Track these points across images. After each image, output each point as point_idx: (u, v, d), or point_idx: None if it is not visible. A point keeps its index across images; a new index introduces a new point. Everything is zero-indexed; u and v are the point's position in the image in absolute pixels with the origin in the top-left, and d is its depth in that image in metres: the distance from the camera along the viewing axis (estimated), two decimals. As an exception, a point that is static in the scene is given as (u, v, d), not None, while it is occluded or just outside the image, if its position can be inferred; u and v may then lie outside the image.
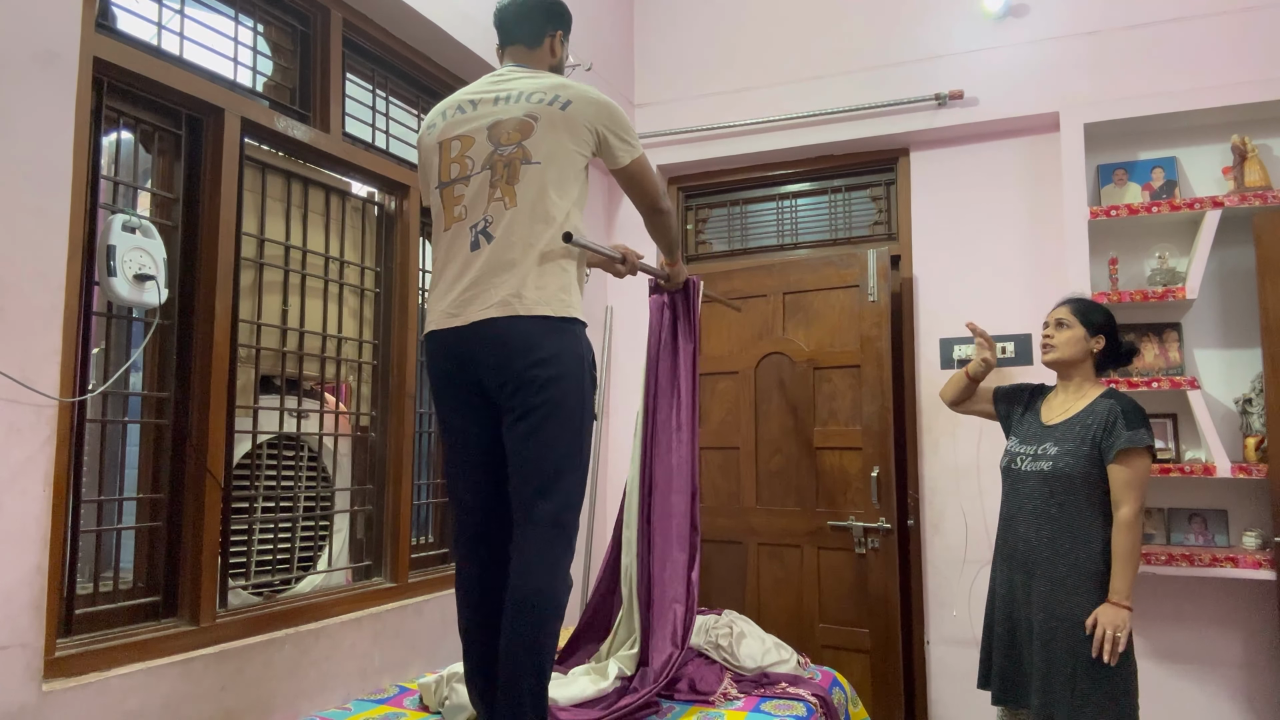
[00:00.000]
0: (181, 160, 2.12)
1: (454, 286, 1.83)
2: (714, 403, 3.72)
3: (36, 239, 1.64)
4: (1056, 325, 2.40)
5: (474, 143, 1.87)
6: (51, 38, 1.68)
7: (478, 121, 1.88)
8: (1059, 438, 2.31)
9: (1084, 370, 2.38)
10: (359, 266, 2.67)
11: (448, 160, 1.89)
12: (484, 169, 1.85)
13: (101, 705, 1.74)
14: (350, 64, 2.62)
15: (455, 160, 1.89)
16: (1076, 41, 3.20)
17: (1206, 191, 3.07)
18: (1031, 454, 2.34)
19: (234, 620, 2.10)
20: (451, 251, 1.86)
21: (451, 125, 1.91)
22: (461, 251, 1.84)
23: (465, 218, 1.85)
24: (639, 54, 3.95)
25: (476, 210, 1.84)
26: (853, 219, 3.71)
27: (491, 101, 1.90)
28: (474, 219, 1.84)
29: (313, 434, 2.51)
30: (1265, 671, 2.93)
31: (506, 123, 1.85)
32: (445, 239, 1.88)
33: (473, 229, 1.83)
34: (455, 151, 1.89)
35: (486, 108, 1.89)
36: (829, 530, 3.40)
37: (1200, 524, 3.04)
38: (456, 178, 1.88)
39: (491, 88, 1.93)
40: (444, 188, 1.89)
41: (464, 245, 1.84)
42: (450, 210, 1.87)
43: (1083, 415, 2.30)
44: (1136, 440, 2.18)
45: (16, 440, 1.60)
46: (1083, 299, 2.48)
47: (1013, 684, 2.33)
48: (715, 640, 2.59)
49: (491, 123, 1.87)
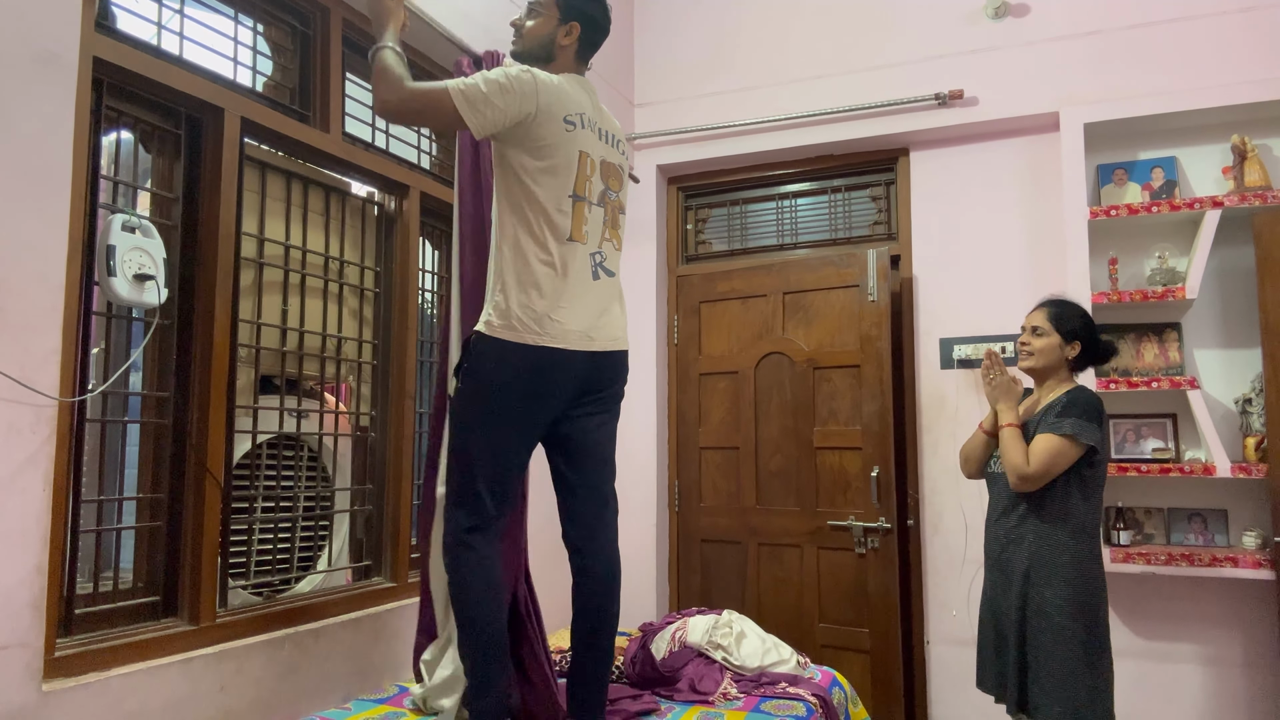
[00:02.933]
0: (181, 160, 2.12)
1: (584, 308, 1.90)
2: (714, 403, 3.72)
3: (36, 239, 1.64)
4: (1033, 332, 2.39)
5: (595, 172, 1.95)
6: (51, 38, 1.68)
7: (599, 151, 1.96)
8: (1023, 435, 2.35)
9: (1058, 374, 2.39)
10: (359, 266, 2.67)
11: (584, 175, 1.92)
12: (599, 204, 1.97)
13: (101, 705, 1.74)
14: (350, 64, 2.61)
15: (589, 179, 1.93)
16: (1076, 41, 3.20)
17: (1206, 191, 3.07)
18: (992, 461, 2.43)
19: (234, 620, 2.10)
20: (574, 268, 1.90)
21: (589, 141, 1.94)
22: (585, 273, 1.92)
23: (588, 242, 1.93)
24: (639, 54, 3.95)
25: (594, 240, 1.95)
26: (852, 219, 3.71)
27: (606, 137, 1.99)
28: (593, 247, 1.94)
29: (313, 434, 2.51)
30: (1265, 671, 2.93)
31: (616, 169, 2.02)
32: (565, 250, 1.89)
33: (592, 257, 1.94)
34: (589, 170, 1.93)
35: (603, 140, 1.98)
36: (829, 530, 3.40)
37: (1200, 524, 3.04)
38: (588, 198, 1.93)
39: (595, 114, 1.98)
40: (578, 201, 1.91)
41: (586, 268, 1.93)
42: (579, 226, 1.91)
43: (1041, 412, 2.33)
44: (1056, 427, 2.22)
45: (16, 440, 1.60)
46: (1059, 302, 2.44)
47: (999, 683, 2.37)
48: (715, 640, 2.59)
49: (604, 160, 1.98)
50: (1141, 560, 2.90)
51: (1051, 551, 2.24)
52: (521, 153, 1.88)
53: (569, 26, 1.97)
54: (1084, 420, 2.21)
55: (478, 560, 1.88)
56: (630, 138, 3.81)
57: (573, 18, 1.97)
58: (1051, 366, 2.37)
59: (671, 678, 2.44)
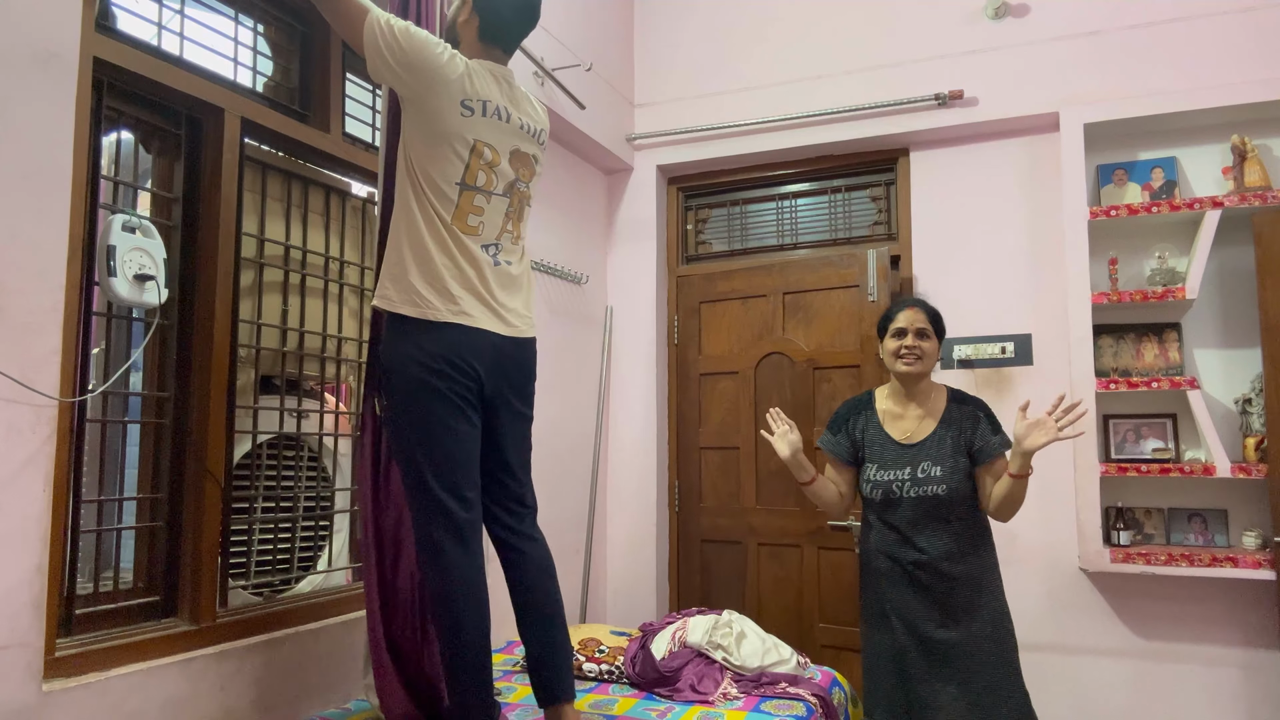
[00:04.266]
0: (181, 160, 2.12)
1: (489, 294, 1.88)
2: (714, 403, 3.72)
3: (36, 239, 1.64)
4: (919, 336, 2.28)
5: (500, 161, 1.92)
6: (51, 38, 1.68)
7: (506, 140, 1.93)
8: (935, 456, 2.24)
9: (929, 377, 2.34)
10: (359, 266, 2.67)
11: (477, 163, 1.88)
12: (504, 194, 1.93)
13: (101, 705, 1.74)
14: (350, 64, 2.62)
15: (484, 168, 1.89)
16: (1076, 41, 3.21)
17: (1206, 191, 3.07)
18: (910, 478, 2.24)
19: (234, 620, 2.10)
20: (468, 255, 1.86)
21: (488, 127, 1.90)
22: (482, 260, 1.89)
23: (480, 234, 1.90)
24: (639, 54, 3.95)
25: (490, 232, 1.92)
26: (853, 219, 3.71)
27: (518, 127, 1.96)
28: (487, 239, 1.91)
29: (313, 434, 2.51)
30: (1265, 671, 2.93)
31: (528, 158, 1.99)
32: (452, 236, 1.86)
33: (485, 248, 1.90)
34: (487, 158, 1.90)
35: (512, 128, 1.94)
36: (829, 530, 3.41)
37: (1200, 524, 3.04)
38: (481, 186, 1.89)
39: (509, 105, 1.94)
40: (466, 190, 1.88)
41: (482, 256, 1.89)
42: (464, 218, 1.87)
43: (943, 429, 2.26)
44: (1006, 444, 2.20)
45: (16, 440, 1.60)
46: (928, 303, 2.36)
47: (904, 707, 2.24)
48: (715, 640, 2.59)
49: (514, 149, 1.95)
50: (1141, 560, 2.90)
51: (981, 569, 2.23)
52: (418, 125, 1.86)
53: (469, 13, 1.96)
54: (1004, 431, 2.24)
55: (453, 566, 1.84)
56: (630, 138, 3.82)
57: (475, 4, 1.95)
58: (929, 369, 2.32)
59: (671, 678, 2.44)
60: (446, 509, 1.83)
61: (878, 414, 2.37)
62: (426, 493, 1.83)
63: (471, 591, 1.85)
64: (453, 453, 1.84)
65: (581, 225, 3.68)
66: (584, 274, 3.62)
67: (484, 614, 1.88)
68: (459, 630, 1.83)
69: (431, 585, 1.86)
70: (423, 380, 1.81)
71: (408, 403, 1.83)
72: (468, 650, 1.85)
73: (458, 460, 1.85)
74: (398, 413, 1.86)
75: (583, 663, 2.56)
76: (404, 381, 1.83)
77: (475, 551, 1.88)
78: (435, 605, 1.86)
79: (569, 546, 3.42)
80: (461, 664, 1.84)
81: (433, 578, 1.85)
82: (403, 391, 1.83)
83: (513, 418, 1.98)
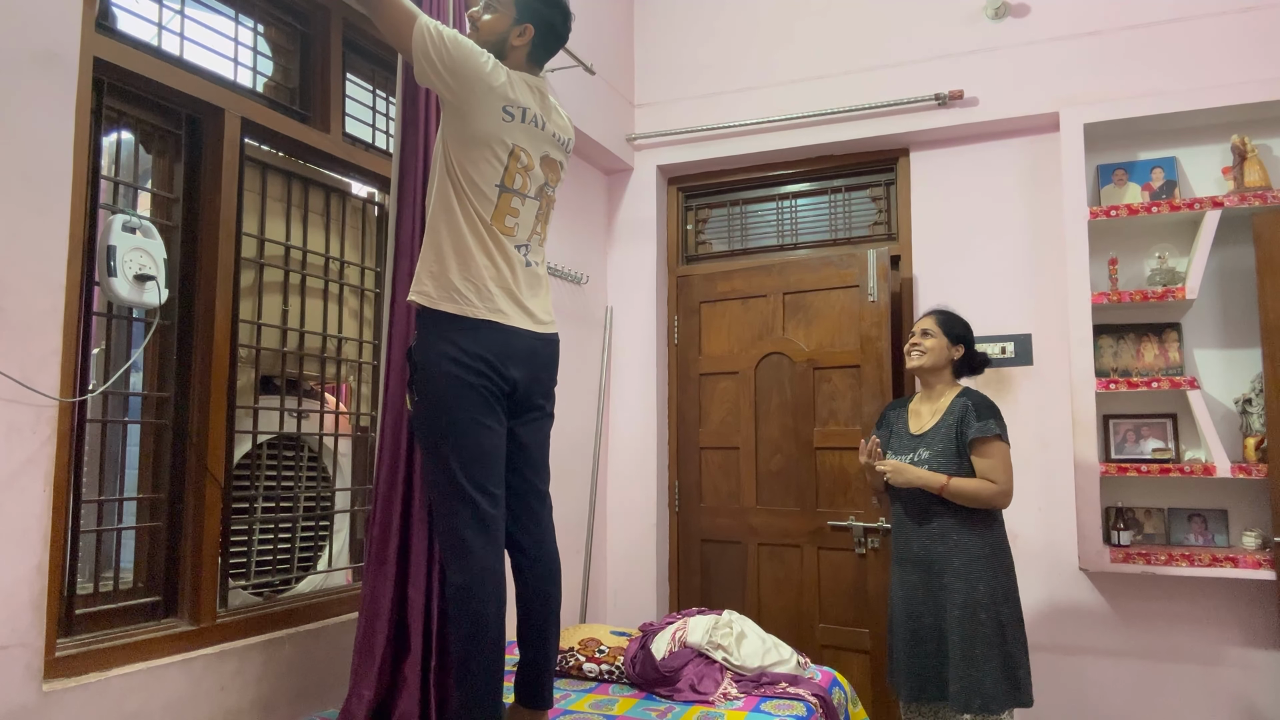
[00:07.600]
0: (181, 160, 2.12)
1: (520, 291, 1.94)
2: (714, 403, 3.72)
3: (36, 239, 1.64)
4: (923, 335, 2.59)
5: (534, 167, 1.98)
6: (51, 38, 1.68)
7: (539, 146, 2.00)
8: (929, 442, 2.50)
9: (944, 376, 2.59)
10: (359, 266, 2.67)
11: (515, 167, 1.95)
12: (536, 197, 2.00)
13: (101, 705, 1.74)
14: (350, 64, 2.62)
15: (520, 172, 1.95)
16: (1076, 41, 3.20)
17: (1206, 191, 3.07)
18: (908, 462, 2.51)
19: (234, 620, 2.10)
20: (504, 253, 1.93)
21: (525, 133, 1.96)
22: (515, 260, 1.95)
23: (515, 234, 1.96)
24: (639, 54, 3.95)
25: (522, 233, 1.98)
26: (853, 219, 3.71)
27: (550, 135, 2.03)
28: (520, 239, 1.97)
29: (313, 434, 2.51)
30: (1265, 671, 2.93)
31: (556, 165, 2.06)
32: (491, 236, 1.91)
33: (518, 248, 1.97)
34: (523, 162, 1.96)
35: (546, 135, 2.01)
36: (829, 530, 3.41)
37: (1200, 524, 3.04)
38: (518, 189, 1.95)
39: (541, 113, 2.00)
40: (504, 192, 1.94)
41: (515, 254, 1.96)
42: (502, 219, 1.93)
43: (945, 418, 2.51)
44: (985, 430, 2.41)
45: (16, 440, 1.60)
46: (946, 311, 2.64)
47: (920, 680, 2.45)
48: (715, 640, 2.59)
49: (545, 155, 2.02)
50: (1141, 560, 2.90)
51: (978, 547, 2.40)
52: (459, 129, 1.89)
53: (523, 28, 1.96)
54: (998, 420, 2.44)
55: (478, 561, 1.84)
56: (630, 138, 3.82)
57: (528, 19, 1.96)
58: (939, 366, 2.57)
59: (671, 678, 2.44)
60: (474, 503, 1.84)
61: (907, 411, 2.65)
62: (454, 487, 1.84)
63: (495, 588, 1.86)
64: (483, 447, 1.87)
65: (582, 225, 3.68)
66: (584, 274, 3.62)
67: (504, 612, 1.89)
68: (481, 626, 1.83)
69: (454, 580, 1.85)
70: (457, 376, 1.84)
71: (441, 397, 1.85)
72: (487, 647, 1.84)
73: (487, 455, 1.87)
74: (429, 406, 1.87)
75: (583, 663, 2.56)
76: (438, 376, 1.85)
77: (500, 547, 1.89)
78: (455, 601, 1.85)
79: (569, 546, 3.42)
80: (478, 661, 1.84)
81: (456, 573, 1.85)
82: (436, 386, 1.85)
83: (538, 416, 2.04)
